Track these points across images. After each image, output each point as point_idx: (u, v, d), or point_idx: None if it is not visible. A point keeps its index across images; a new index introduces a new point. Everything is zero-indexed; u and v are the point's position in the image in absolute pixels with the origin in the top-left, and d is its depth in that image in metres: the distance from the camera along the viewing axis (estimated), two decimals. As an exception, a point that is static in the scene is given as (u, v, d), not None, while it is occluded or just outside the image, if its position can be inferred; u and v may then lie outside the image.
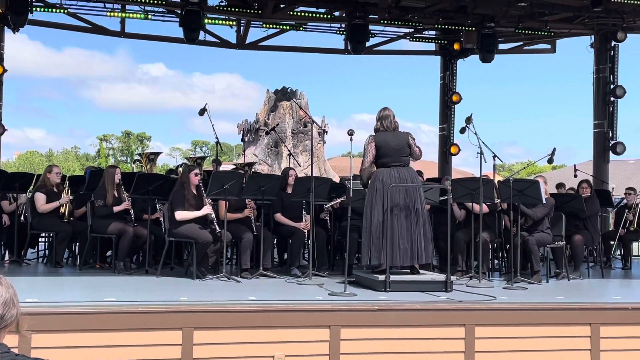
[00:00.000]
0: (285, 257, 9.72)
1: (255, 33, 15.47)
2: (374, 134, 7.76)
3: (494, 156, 8.47)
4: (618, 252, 12.06)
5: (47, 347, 5.19)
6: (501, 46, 15.32)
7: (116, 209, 8.79)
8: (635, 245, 12.24)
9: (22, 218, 9.76)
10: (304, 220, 8.97)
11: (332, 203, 9.45)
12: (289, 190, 9.13)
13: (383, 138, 7.66)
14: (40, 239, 10.51)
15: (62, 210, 9.28)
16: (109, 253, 9.50)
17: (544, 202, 8.64)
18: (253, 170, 12.01)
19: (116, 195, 8.86)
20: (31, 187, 9.74)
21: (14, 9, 11.86)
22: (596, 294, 8.36)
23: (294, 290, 7.46)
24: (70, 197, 9.36)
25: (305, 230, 8.88)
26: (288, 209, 9.12)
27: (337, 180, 13.26)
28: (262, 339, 5.84)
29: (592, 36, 14.71)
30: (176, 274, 8.55)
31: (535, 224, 8.84)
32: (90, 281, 7.97)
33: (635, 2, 12.65)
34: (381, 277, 7.27)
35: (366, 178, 7.78)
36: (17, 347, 4.68)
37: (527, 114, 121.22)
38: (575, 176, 11.86)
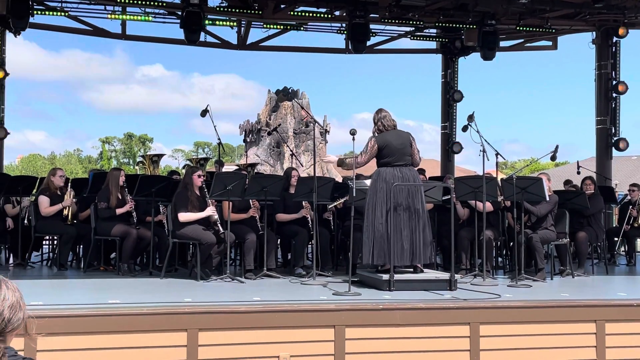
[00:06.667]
0: (289, 257, 9.72)
1: (256, 33, 15.54)
2: (375, 135, 7.75)
3: (497, 154, 8.46)
4: (622, 248, 12.04)
5: (52, 350, 5.20)
6: (502, 43, 15.29)
7: (119, 211, 8.80)
8: (639, 241, 12.21)
9: (25, 221, 9.79)
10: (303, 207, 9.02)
11: (336, 203, 9.44)
12: (292, 191, 9.13)
13: (385, 138, 7.64)
14: (44, 242, 10.52)
15: (65, 212, 9.29)
16: (113, 255, 9.50)
17: (547, 199, 8.63)
18: (255, 170, 12.02)
19: (120, 197, 8.87)
20: (34, 190, 9.75)
21: (15, 12, 11.86)
22: (601, 290, 8.35)
23: (298, 290, 7.46)
24: (74, 200, 9.37)
25: (308, 217, 8.91)
26: (291, 209, 9.13)
27: (339, 179, 13.26)
28: (267, 340, 5.84)
29: (594, 32, 14.69)
30: (180, 276, 8.55)
31: (538, 221, 8.83)
32: (95, 283, 7.97)
33: (636, -3, 12.66)
34: (385, 277, 7.27)
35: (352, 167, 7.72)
36: (22, 350, 4.69)
37: (529, 111, 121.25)
38: (579, 173, 11.84)
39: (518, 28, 14.31)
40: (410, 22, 14.33)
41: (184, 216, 8.15)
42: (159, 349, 5.63)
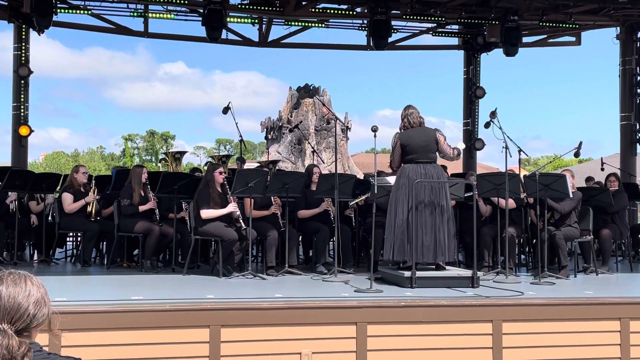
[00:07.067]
0: (311, 254, 9.73)
1: (277, 30, 15.51)
2: (400, 132, 7.77)
3: (519, 150, 8.40)
4: (647, 245, 11.90)
5: (76, 346, 5.23)
6: (525, 39, 15.16)
7: (142, 208, 8.85)
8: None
9: (49, 218, 9.88)
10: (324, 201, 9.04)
11: (357, 200, 9.43)
12: (313, 188, 9.13)
13: (408, 135, 7.65)
14: (68, 239, 10.62)
15: (89, 209, 9.36)
16: (136, 252, 9.56)
17: (571, 196, 8.56)
18: (277, 167, 12.03)
19: (142, 194, 8.93)
20: (58, 188, 9.84)
21: (39, 11, 11.96)
22: (625, 288, 8.28)
23: (320, 287, 7.46)
24: (97, 197, 9.44)
25: (330, 210, 8.93)
26: (312, 206, 9.13)
27: (361, 176, 13.23)
28: (289, 336, 5.85)
29: (618, 28, 14.55)
30: (202, 272, 8.59)
31: (562, 218, 8.76)
32: (118, 280, 8.03)
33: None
34: (407, 274, 7.25)
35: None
36: (47, 346, 4.73)
37: (552, 107, 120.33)
38: (602, 169, 11.73)
39: (541, 24, 14.18)
40: (432, 19, 14.25)
41: (206, 213, 8.19)
42: (182, 345, 5.66)
